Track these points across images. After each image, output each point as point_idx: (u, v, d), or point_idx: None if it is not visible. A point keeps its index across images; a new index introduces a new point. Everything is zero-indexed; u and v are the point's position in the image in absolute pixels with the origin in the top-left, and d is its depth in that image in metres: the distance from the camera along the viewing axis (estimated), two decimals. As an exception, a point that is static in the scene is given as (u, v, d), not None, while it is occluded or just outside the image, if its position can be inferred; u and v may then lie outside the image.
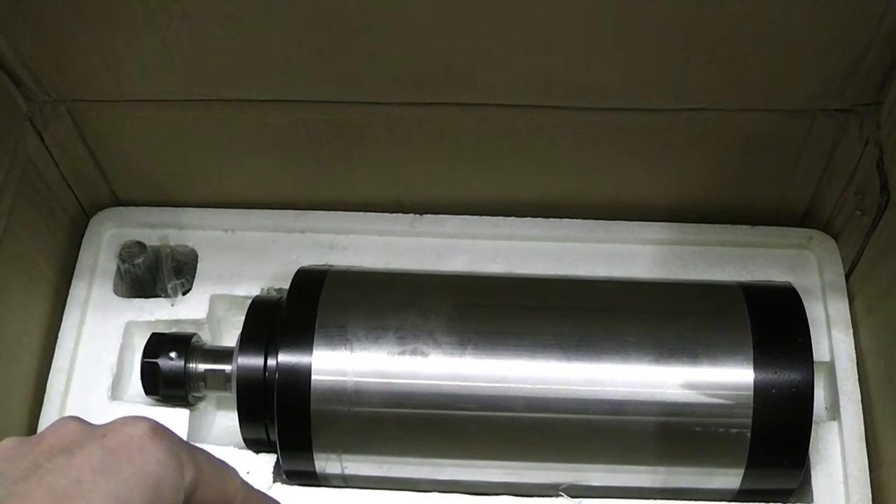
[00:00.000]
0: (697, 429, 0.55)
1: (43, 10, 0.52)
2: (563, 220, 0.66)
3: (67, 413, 0.60)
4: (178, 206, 0.67)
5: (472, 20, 0.51)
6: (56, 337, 0.63)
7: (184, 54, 0.55)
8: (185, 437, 0.59)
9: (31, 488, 0.35)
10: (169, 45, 0.54)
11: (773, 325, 0.56)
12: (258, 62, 0.56)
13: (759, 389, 0.54)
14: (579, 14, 0.50)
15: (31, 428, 0.60)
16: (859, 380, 0.60)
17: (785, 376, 0.54)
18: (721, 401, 0.54)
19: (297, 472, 0.58)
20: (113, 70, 0.57)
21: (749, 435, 0.54)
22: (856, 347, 0.61)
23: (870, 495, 0.57)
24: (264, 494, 0.44)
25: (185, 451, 0.39)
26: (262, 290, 0.64)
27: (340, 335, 0.55)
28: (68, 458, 0.36)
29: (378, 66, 0.55)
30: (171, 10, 0.52)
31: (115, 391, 0.62)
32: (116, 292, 0.65)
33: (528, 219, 0.66)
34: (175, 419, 0.60)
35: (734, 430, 0.54)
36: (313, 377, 0.55)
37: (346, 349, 0.55)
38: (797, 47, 0.53)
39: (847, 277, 0.63)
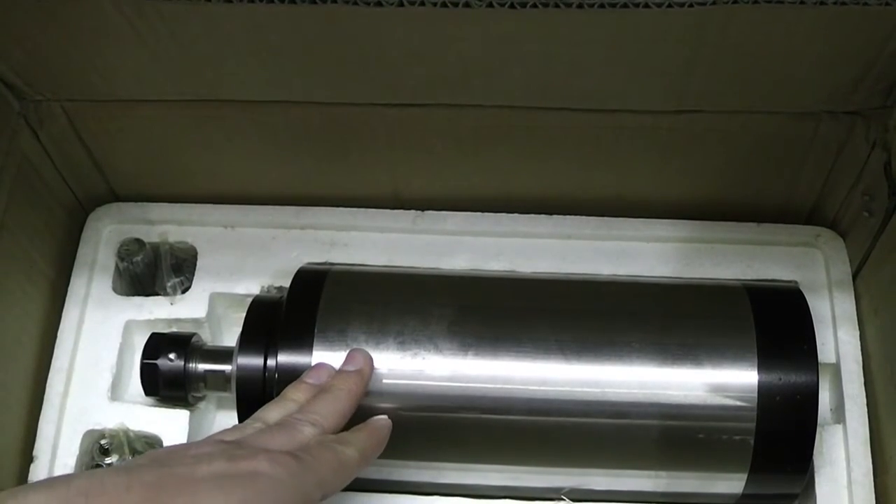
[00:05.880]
0: (700, 433, 0.54)
1: (28, 27, 0.52)
2: (567, 217, 0.65)
3: (68, 413, 0.60)
4: (178, 202, 0.66)
5: (465, 37, 0.50)
6: (54, 335, 0.62)
7: (175, 65, 0.54)
8: (185, 438, 0.60)
9: None
10: (160, 58, 0.54)
11: (778, 329, 0.55)
12: (249, 74, 0.55)
13: (763, 395, 0.53)
14: (575, 32, 0.49)
15: (30, 427, 0.60)
16: (865, 383, 0.59)
17: (789, 382, 0.54)
18: (724, 405, 0.54)
19: (297, 475, 0.57)
20: (105, 77, 0.56)
21: (752, 440, 0.53)
22: (861, 350, 0.60)
23: (874, 501, 0.57)
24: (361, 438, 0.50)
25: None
26: (263, 287, 0.64)
27: (340, 338, 0.55)
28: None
29: (372, 76, 0.55)
30: (159, 30, 0.51)
31: (115, 391, 0.61)
32: (115, 290, 0.64)
33: (531, 216, 0.65)
34: (175, 420, 0.60)
35: (737, 435, 0.54)
36: (313, 379, 0.54)
37: (345, 352, 0.55)
38: (803, 59, 0.52)
39: (853, 278, 0.62)
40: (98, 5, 0.50)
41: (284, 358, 0.55)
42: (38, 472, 0.59)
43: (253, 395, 0.56)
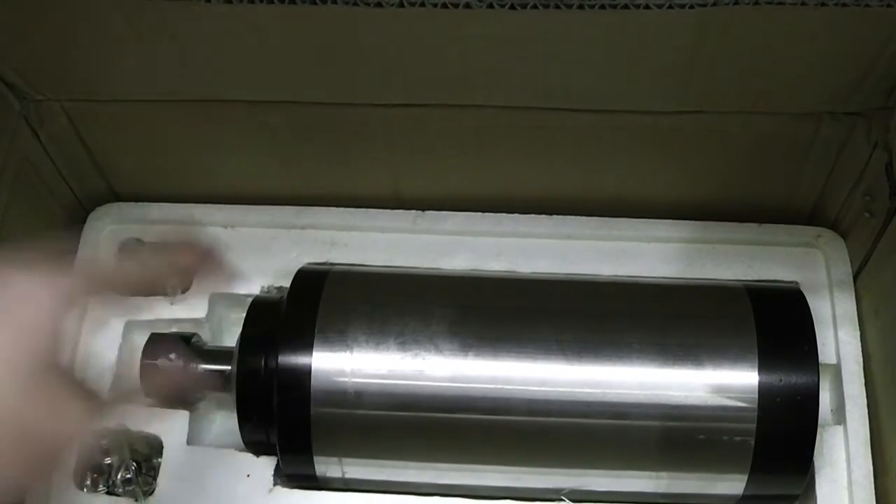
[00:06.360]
0: (701, 434, 0.54)
1: (29, 27, 0.52)
2: (567, 217, 0.65)
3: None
4: (177, 202, 0.66)
5: (466, 37, 0.50)
6: (55, 335, 0.62)
7: (175, 65, 0.54)
8: (185, 439, 0.60)
9: None
10: (160, 58, 0.54)
11: (779, 329, 0.55)
12: (250, 74, 0.55)
13: (764, 396, 0.53)
14: (576, 33, 0.50)
15: (31, 428, 0.60)
16: (865, 384, 0.59)
17: (790, 383, 0.53)
18: (725, 406, 0.54)
19: (297, 475, 0.57)
20: (105, 77, 0.56)
21: (753, 441, 0.53)
22: (862, 350, 0.60)
23: (874, 502, 0.56)
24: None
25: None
26: (263, 288, 0.64)
27: (340, 339, 0.55)
28: None
29: (372, 76, 0.55)
30: (161, 34, 0.51)
31: (115, 391, 0.61)
32: (115, 290, 0.64)
33: (532, 216, 0.65)
34: (175, 420, 0.60)
35: (738, 436, 0.54)
36: (313, 379, 0.54)
37: (346, 352, 0.55)
38: (804, 60, 0.52)
39: (854, 279, 0.62)
40: (98, 5, 0.50)
41: (284, 358, 0.55)
42: (37, 472, 0.59)
43: (253, 395, 0.56)
